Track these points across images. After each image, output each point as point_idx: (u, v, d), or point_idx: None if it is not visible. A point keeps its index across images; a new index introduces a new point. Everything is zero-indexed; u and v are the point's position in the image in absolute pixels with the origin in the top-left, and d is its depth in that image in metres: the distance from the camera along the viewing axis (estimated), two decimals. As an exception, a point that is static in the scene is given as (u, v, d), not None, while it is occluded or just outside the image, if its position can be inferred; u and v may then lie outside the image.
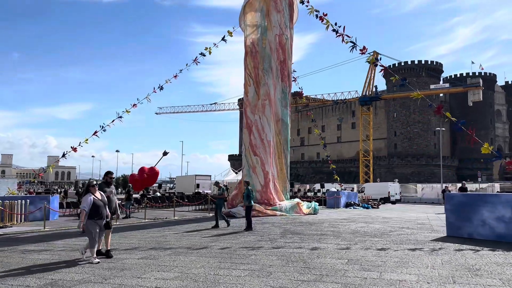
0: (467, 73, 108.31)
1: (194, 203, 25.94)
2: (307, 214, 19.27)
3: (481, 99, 64.87)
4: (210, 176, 44.37)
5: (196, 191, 37.24)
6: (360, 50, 15.22)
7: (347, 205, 28.37)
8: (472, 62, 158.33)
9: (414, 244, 10.06)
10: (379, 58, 71.89)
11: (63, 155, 19.08)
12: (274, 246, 9.85)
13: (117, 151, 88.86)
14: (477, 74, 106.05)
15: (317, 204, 21.29)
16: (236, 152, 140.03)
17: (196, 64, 20.90)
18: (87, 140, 19.45)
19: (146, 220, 17.51)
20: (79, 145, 19.20)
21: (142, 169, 28.40)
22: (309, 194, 40.76)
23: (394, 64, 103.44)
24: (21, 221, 16.71)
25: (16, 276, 6.93)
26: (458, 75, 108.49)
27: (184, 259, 8.35)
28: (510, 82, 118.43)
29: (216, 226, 14.23)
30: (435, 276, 6.58)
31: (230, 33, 20.79)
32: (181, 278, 6.65)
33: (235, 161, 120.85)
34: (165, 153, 33.97)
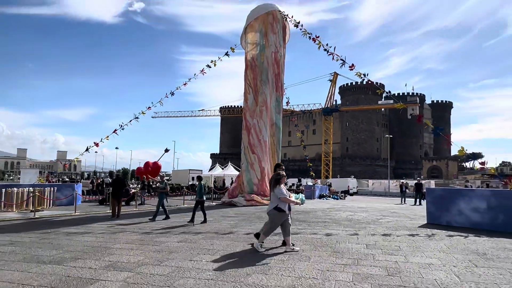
0: (403, 93, 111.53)
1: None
2: (296, 204, 18.69)
3: (418, 113, 66.40)
4: (201, 170, 43.19)
5: (191, 183, 36.22)
6: (349, 66, 14.78)
7: (320, 196, 28.05)
8: (405, 85, 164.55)
9: (408, 230, 9.62)
10: (337, 77, 72.71)
11: (87, 149, 17.70)
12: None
13: (116, 148, 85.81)
14: (410, 94, 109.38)
15: (304, 196, 20.80)
16: (217, 151, 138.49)
17: (203, 74, 20.01)
18: (107, 137, 18.17)
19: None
20: (101, 141, 17.95)
21: (147, 164, 27.18)
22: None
23: (346, 84, 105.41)
24: (49, 206, 15.39)
25: (74, 258, 6.01)
26: (396, 94, 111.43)
27: (220, 243, 7.58)
28: (435, 101, 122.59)
29: (167, 217, 11.75)
30: (454, 260, 6.08)
31: (232, 49, 19.96)
32: (231, 261, 5.91)
33: (216, 159, 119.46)
34: (166, 150, 32.59)
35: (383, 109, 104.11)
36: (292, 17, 19.13)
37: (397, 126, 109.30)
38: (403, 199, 24.69)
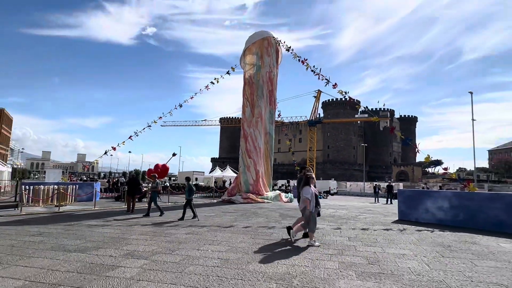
0: (376, 108, 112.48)
1: (203, 191, 24.99)
2: (286, 202, 18.62)
3: (389, 126, 67.15)
4: (204, 172, 42.98)
5: (195, 183, 35.91)
6: (333, 85, 14.87)
7: (306, 195, 27.94)
8: (378, 101, 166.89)
9: (383, 225, 9.60)
10: (321, 94, 73.16)
11: (105, 153, 17.52)
12: (283, 226, 9.12)
13: (129, 152, 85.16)
14: (382, 109, 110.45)
15: (292, 195, 20.70)
16: (217, 155, 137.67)
17: (207, 89, 20.02)
18: (123, 142, 18.01)
19: (170, 204, 16.33)
20: (118, 145, 17.77)
21: (156, 166, 26.88)
22: (275, 188, 40.08)
23: (328, 100, 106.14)
24: (71, 201, 15.14)
25: (96, 247, 5.92)
26: (370, 109, 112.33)
27: (222, 235, 7.52)
28: (402, 116, 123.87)
29: (147, 215, 10.89)
30: (424, 251, 6.11)
31: (233, 69, 20.01)
32: (233, 251, 5.87)
33: (216, 162, 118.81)
34: (174, 154, 32.15)
35: (359, 122, 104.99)
36: (284, 42, 19.34)
37: (370, 136, 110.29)
38: (376, 198, 24.79)
